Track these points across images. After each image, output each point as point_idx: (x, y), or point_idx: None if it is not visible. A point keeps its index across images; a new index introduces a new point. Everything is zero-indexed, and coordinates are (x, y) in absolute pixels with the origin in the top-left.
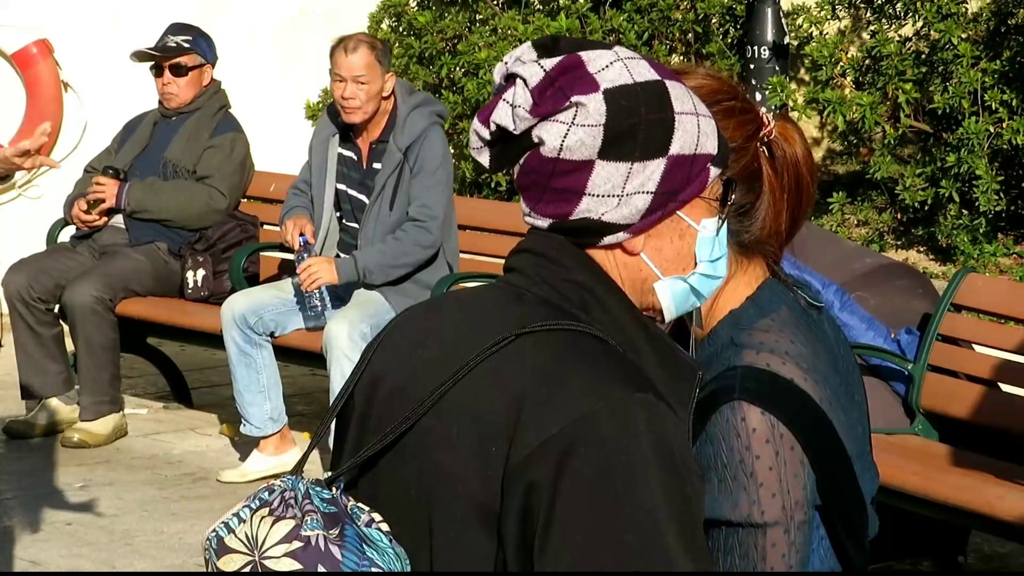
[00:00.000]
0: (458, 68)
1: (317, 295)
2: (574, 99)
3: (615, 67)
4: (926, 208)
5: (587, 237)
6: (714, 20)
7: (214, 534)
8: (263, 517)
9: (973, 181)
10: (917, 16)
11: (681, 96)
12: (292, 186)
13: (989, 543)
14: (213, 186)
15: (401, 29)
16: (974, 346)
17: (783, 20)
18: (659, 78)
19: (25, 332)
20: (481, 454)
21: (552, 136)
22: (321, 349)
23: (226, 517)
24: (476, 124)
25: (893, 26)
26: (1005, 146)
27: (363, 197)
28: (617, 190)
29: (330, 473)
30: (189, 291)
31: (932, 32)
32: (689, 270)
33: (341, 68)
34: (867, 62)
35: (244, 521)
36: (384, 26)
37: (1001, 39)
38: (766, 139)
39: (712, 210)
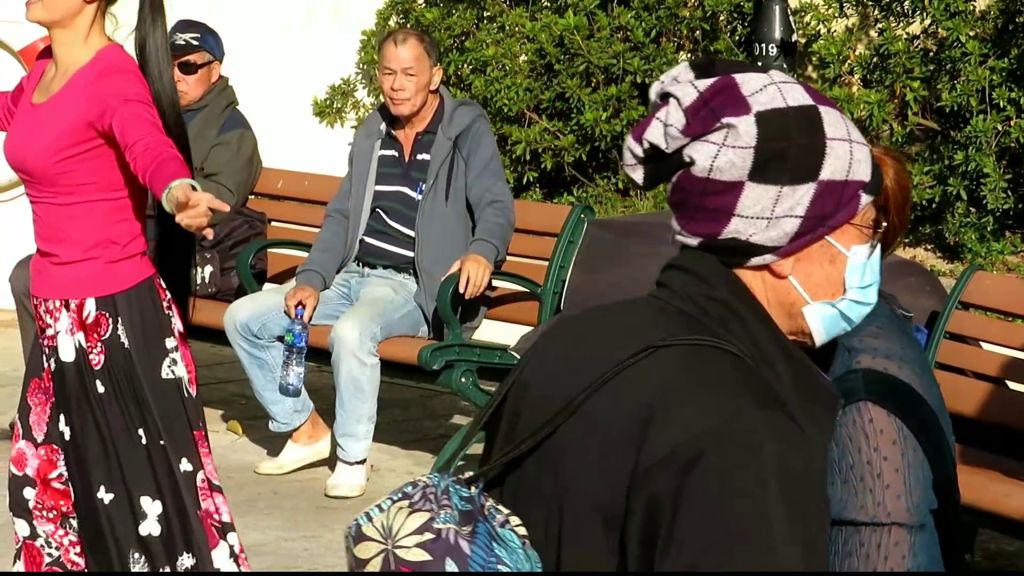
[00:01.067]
0: (465, 65)
1: (294, 374)
2: (725, 120)
3: (768, 90)
4: (934, 206)
5: (735, 257)
6: (722, 17)
7: (355, 522)
8: (401, 508)
9: (981, 179)
10: (925, 14)
11: (835, 122)
12: (329, 210)
13: (996, 541)
14: (221, 183)
15: (409, 26)
16: (982, 344)
17: (791, 18)
18: (812, 103)
19: (32, 328)
20: (609, 461)
21: (703, 156)
22: (328, 346)
23: (369, 508)
24: (630, 141)
25: (901, 24)
26: (1013, 144)
27: (406, 190)
28: (766, 212)
29: (472, 473)
30: (196, 288)
31: (940, 30)
32: (838, 295)
33: (391, 61)
34: (875, 60)
35: (383, 511)
36: (392, 23)
37: (1009, 37)
38: None
39: (863, 237)
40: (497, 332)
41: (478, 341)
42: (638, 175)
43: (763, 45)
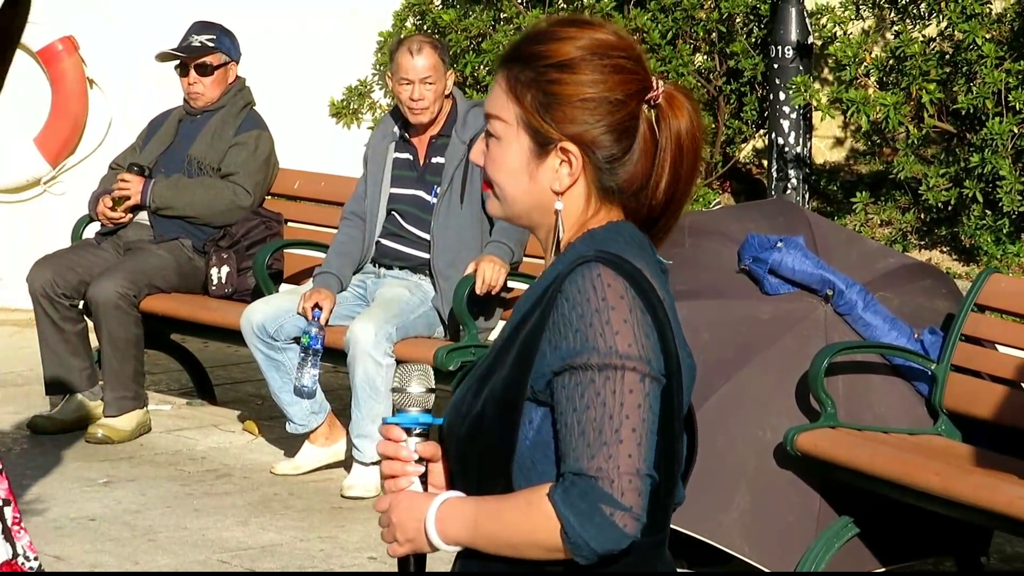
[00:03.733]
0: (482, 66)
1: (309, 376)
2: None
3: None
4: (949, 208)
5: None
6: (738, 19)
7: None
8: None
9: (997, 181)
10: (941, 16)
11: None
12: (345, 212)
13: (1011, 543)
14: (238, 183)
15: (425, 27)
16: (997, 346)
17: (807, 20)
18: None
19: (49, 328)
20: None
21: None
22: (344, 346)
23: None
24: None
25: (917, 26)
26: None
27: (422, 193)
28: None
29: None
30: (213, 288)
31: (956, 32)
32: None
33: (408, 71)
34: (891, 62)
35: None
36: (409, 24)
37: None
38: (653, 102)
39: None
40: None
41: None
42: None
43: (779, 47)
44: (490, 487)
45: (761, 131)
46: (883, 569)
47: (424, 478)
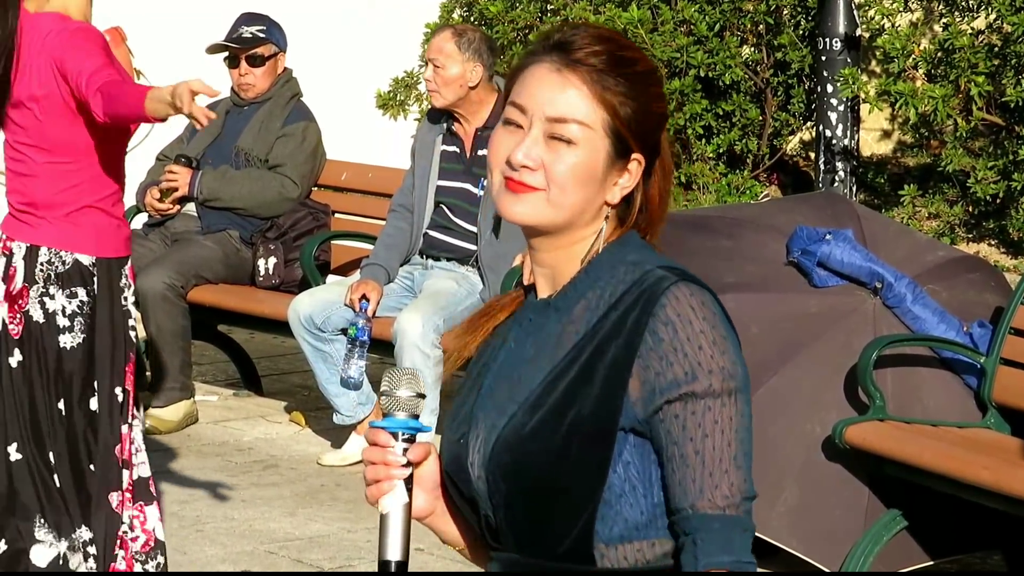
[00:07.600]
0: None
1: (356, 367)
2: None
3: None
4: (998, 201)
5: None
6: (785, 12)
7: None
8: None
9: None
10: (990, 9)
11: None
12: (393, 204)
13: None
14: (285, 175)
15: (472, 19)
16: None
17: (855, 12)
18: None
19: None
20: None
21: None
22: (391, 338)
23: None
24: None
25: (965, 19)
26: None
27: (469, 186)
28: None
29: None
30: (260, 279)
31: (1005, 25)
32: None
33: (429, 50)
34: (939, 55)
35: None
36: (456, 15)
37: None
38: None
39: None
40: None
41: None
42: None
43: (827, 39)
44: (563, 523)
45: (808, 123)
46: (931, 562)
47: (409, 483)
